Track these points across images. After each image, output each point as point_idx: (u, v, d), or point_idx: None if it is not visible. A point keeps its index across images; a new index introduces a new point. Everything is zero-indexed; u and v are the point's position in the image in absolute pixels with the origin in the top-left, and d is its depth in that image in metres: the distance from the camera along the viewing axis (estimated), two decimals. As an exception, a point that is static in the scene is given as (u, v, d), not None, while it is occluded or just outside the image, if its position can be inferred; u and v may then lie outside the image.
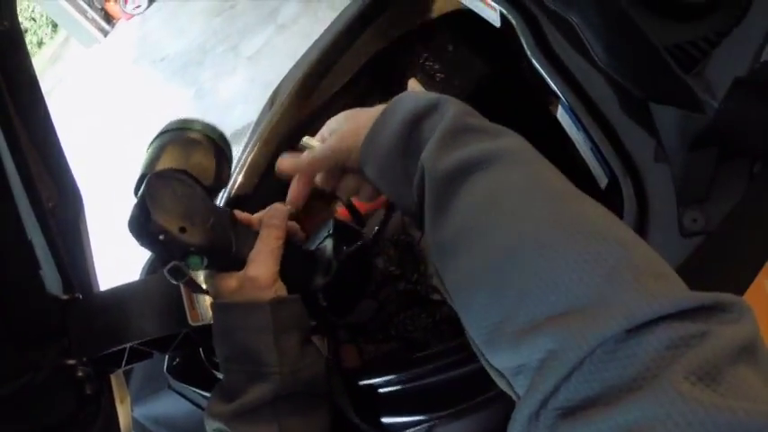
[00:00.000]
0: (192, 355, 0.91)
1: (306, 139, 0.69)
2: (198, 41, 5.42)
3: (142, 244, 0.63)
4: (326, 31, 1.11)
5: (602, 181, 0.67)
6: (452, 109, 0.57)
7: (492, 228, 0.47)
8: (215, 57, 5.06)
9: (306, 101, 1.10)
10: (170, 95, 5.12)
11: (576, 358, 0.37)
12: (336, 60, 1.11)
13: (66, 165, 0.83)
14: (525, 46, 0.72)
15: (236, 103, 4.37)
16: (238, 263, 0.68)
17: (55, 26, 9.02)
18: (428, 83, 1.06)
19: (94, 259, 0.85)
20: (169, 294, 0.76)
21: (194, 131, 0.72)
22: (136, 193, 0.66)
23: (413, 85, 1.09)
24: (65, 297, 0.75)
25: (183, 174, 0.67)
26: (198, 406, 0.95)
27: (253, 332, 0.66)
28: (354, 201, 1.20)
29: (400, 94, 0.65)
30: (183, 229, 0.62)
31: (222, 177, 0.71)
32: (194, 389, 0.92)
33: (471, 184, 0.51)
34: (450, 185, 0.52)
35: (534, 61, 0.71)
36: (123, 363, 0.76)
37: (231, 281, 0.68)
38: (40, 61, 8.56)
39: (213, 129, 0.73)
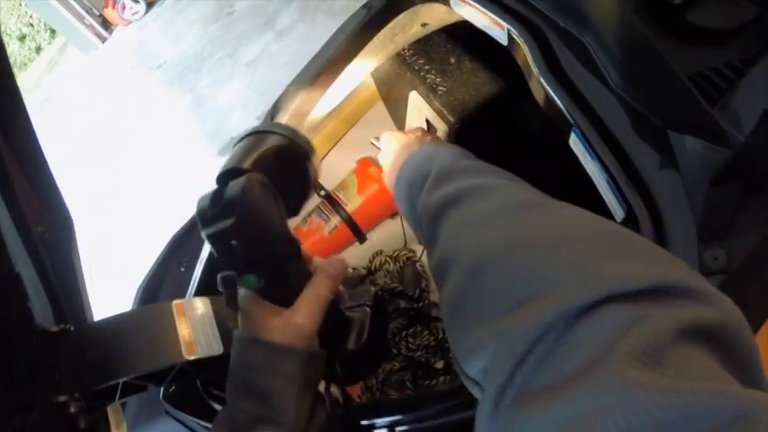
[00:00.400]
0: (188, 383, 0.88)
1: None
2: (195, 48, 5.41)
3: (208, 237, 0.59)
4: (326, 44, 1.08)
5: (619, 214, 0.63)
6: (442, 156, 0.69)
7: (459, 254, 0.51)
8: (212, 63, 5.04)
9: (307, 117, 1.07)
10: (168, 102, 5.09)
11: (524, 346, 0.37)
12: (337, 74, 1.08)
13: (54, 186, 0.80)
14: (534, 66, 0.68)
15: (235, 109, 4.36)
16: (287, 299, 0.65)
17: (53, 32, 9.02)
18: (430, 96, 1.03)
19: (87, 286, 0.82)
20: (164, 326, 0.73)
21: (302, 147, 0.67)
22: (222, 182, 0.62)
23: (413, 98, 1.06)
24: (55, 329, 0.71)
25: (276, 190, 0.63)
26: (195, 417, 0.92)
27: (278, 378, 0.62)
28: (353, 215, 1.18)
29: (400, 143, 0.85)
30: (259, 245, 0.60)
31: (302, 202, 0.69)
32: (191, 417, 0.89)
33: (447, 219, 0.58)
34: (433, 222, 0.60)
35: (544, 83, 0.67)
36: (117, 396, 0.73)
37: (274, 319, 0.64)
38: (39, 67, 8.55)
39: (309, 144, 0.69)
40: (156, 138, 4.84)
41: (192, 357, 0.72)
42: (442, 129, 1.00)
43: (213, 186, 0.63)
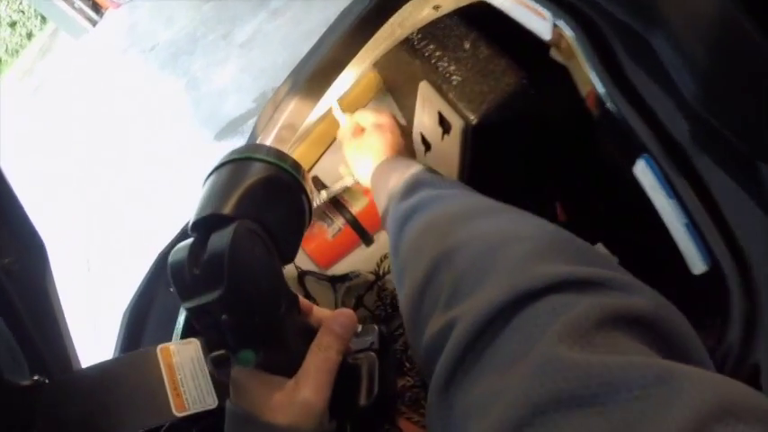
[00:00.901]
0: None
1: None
2: (188, 29, 5.28)
3: (190, 311, 0.49)
4: (329, 31, 0.96)
5: (698, 267, 0.52)
6: (412, 171, 0.76)
7: (420, 255, 0.56)
8: (206, 45, 4.93)
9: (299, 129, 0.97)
10: (162, 86, 4.98)
11: (474, 332, 0.41)
12: (342, 63, 0.97)
13: (21, 209, 0.69)
14: (593, 73, 0.55)
15: (230, 92, 4.26)
16: (287, 366, 0.54)
17: (44, 17, 8.86)
18: (443, 87, 0.92)
19: (69, 326, 0.72)
20: (149, 378, 0.63)
21: (291, 174, 0.56)
22: (198, 232, 0.51)
23: (424, 89, 0.96)
24: (27, 383, 0.62)
25: (268, 235, 0.52)
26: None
27: None
28: (358, 216, 1.09)
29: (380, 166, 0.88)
30: (255, 316, 0.49)
31: (298, 243, 0.58)
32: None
33: (409, 226, 0.64)
34: (399, 231, 0.66)
35: (606, 94, 0.54)
36: (102, 456, 0.64)
37: (276, 394, 0.52)
38: (30, 54, 8.43)
39: (300, 170, 0.58)
40: (151, 122, 4.74)
41: (183, 414, 0.62)
42: (457, 124, 0.89)
43: (190, 234, 0.52)
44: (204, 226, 0.51)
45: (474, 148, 0.93)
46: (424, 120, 0.99)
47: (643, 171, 0.53)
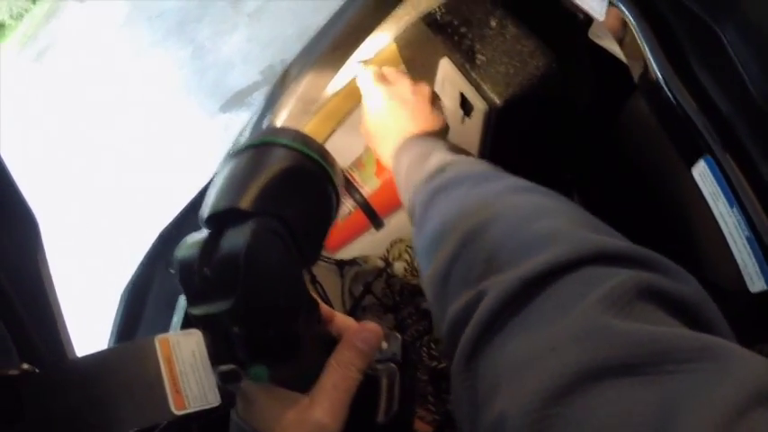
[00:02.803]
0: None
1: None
2: (196, -4, 5.17)
3: (197, 319, 0.44)
4: (345, 5, 0.91)
5: (756, 285, 0.47)
6: (445, 146, 0.76)
7: (455, 226, 0.54)
8: (214, 13, 4.84)
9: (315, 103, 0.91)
10: (167, 54, 4.90)
11: (508, 296, 0.40)
12: (363, 33, 0.92)
13: (10, 182, 0.64)
14: (651, 58, 0.50)
15: (237, 62, 4.19)
16: (303, 381, 0.49)
17: (49, -21, 8.73)
18: (466, 66, 0.86)
19: (63, 309, 0.67)
20: (146, 373, 0.58)
21: (318, 163, 0.50)
22: (212, 227, 0.46)
23: (445, 67, 0.90)
24: (15, 372, 0.57)
25: (289, 234, 0.46)
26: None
27: None
28: (369, 198, 1.04)
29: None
30: (270, 328, 0.44)
31: (322, 243, 0.52)
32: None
33: (446, 198, 0.62)
34: (430, 202, 0.64)
35: (668, 85, 0.48)
36: (95, 453, 0.59)
37: (288, 412, 0.48)
38: (35, 17, 8.34)
39: (328, 157, 0.52)
40: (155, 91, 4.67)
41: (182, 413, 0.58)
42: (480, 107, 0.84)
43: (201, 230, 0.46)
44: (219, 221, 0.45)
45: (496, 132, 0.88)
46: (444, 101, 0.93)
47: (703, 174, 0.48)
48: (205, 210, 0.46)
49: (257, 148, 0.49)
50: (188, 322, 0.79)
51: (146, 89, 4.78)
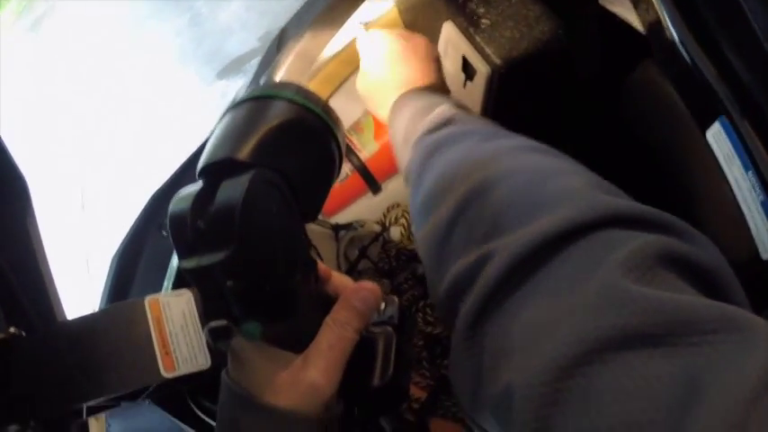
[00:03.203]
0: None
1: None
2: (192, -41, 5.08)
3: (189, 272, 0.41)
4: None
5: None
6: (449, 102, 0.69)
7: (455, 183, 0.50)
8: (212, -24, 4.74)
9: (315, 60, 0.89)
10: (164, 22, 4.83)
11: (521, 257, 0.38)
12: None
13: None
14: (664, 11, 0.48)
15: (234, 30, 4.13)
16: (297, 341, 0.47)
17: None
18: (470, 30, 0.84)
19: (51, 271, 0.65)
20: (136, 334, 0.57)
21: (320, 117, 0.47)
22: (206, 179, 0.44)
23: (448, 30, 0.88)
24: (2, 336, 0.55)
25: (289, 188, 0.44)
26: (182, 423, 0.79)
27: None
28: (367, 162, 1.02)
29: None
30: (266, 283, 0.42)
31: (322, 200, 0.50)
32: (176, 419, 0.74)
33: (446, 152, 0.57)
34: (428, 157, 0.59)
35: (678, 40, 0.47)
36: (84, 415, 0.58)
37: (281, 373, 0.46)
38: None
39: (331, 113, 0.49)
40: (151, 58, 4.61)
41: (172, 375, 0.57)
42: (483, 70, 0.82)
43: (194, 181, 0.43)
44: (215, 172, 0.43)
45: (498, 97, 0.86)
46: (446, 64, 0.91)
47: (717, 136, 0.46)
48: (200, 161, 0.44)
49: (257, 101, 0.47)
50: (180, 282, 0.78)
51: (142, 56, 4.72)
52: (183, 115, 3.68)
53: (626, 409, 0.28)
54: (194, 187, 0.43)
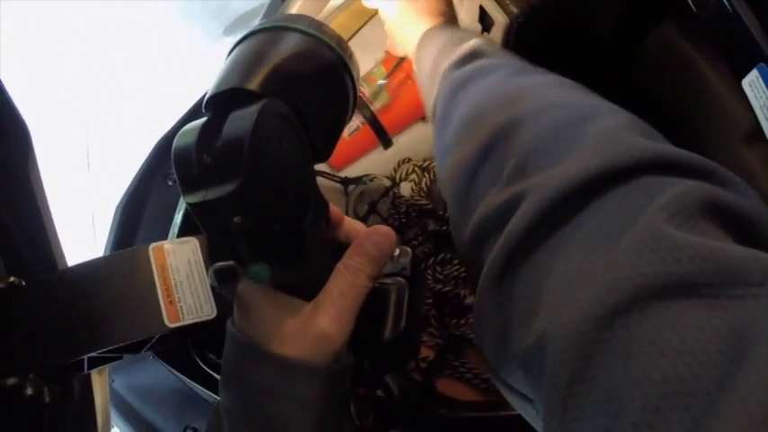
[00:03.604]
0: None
1: None
2: None
3: (194, 207, 0.39)
4: None
5: None
6: (471, 40, 0.64)
7: (486, 118, 0.48)
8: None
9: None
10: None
11: (558, 198, 0.36)
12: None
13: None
14: None
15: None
16: (307, 287, 0.45)
17: None
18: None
19: (52, 218, 0.64)
20: (140, 282, 0.55)
21: (334, 50, 0.45)
22: (213, 110, 0.41)
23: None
24: (1, 285, 0.54)
25: (299, 118, 0.42)
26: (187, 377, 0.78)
27: (291, 404, 0.43)
28: (378, 115, 1.00)
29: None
30: (275, 220, 0.39)
31: (336, 138, 0.47)
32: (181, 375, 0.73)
33: (473, 86, 0.55)
34: (457, 90, 0.56)
35: None
36: (85, 368, 0.57)
37: (289, 321, 0.44)
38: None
39: (345, 47, 0.46)
40: (157, 15, 4.54)
41: (176, 325, 0.55)
42: (501, 20, 0.79)
43: (202, 115, 0.41)
44: (222, 103, 0.40)
45: (515, 49, 0.83)
46: (462, 15, 0.88)
47: (755, 84, 0.44)
48: (207, 92, 0.42)
49: (269, 32, 0.44)
50: (185, 230, 0.76)
51: (147, 13, 4.65)
52: (189, 72, 3.64)
53: (669, 363, 0.26)
54: (200, 121, 0.40)
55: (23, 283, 0.55)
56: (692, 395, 0.25)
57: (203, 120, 0.40)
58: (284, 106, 0.40)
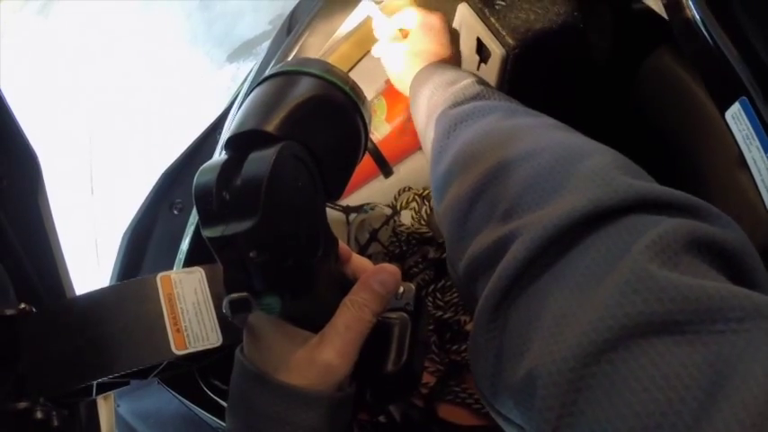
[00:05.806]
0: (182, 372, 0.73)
1: None
2: (204, -57, 5.05)
3: (212, 241, 0.40)
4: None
5: None
6: (465, 80, 0.67)
7: (480, 158, 0.50)
8: (223, -41, 4.72)
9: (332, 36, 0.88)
10: (174, 4, 4.80)
11: (548, 238, 0.37)
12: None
13: (12, 120, 0.62)
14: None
15: (245, 12, 4.09)
16: (314, 319, 0.47)
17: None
18: (485, 11, 0.83)
19: (61, 247, 0.65)
20: (147, 311, 0.57)
21: (347, 93, 0.47)
22: (233, 150, 0.43)
23: (463, 12, 0.87)
24: (12, 312, 0.55)
25: (314, 160, 0.44)
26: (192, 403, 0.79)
27: (296, 429, 0.45)
28: (379, 145, 1.01)
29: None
30: (289, 257, 0.41)
31: (347, 179, 0.49)
32: (187, 401, 0.74)
33: (469, 126, 0.58)
34: (451, 128, 0.60)
35: (700, 19, 0.46)
36: (93, 393, 0.58)
37: (296, 352, 0.46)
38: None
39: (358, 91, 0.49)
40: (161, 41, 4.59)
41: (183, 353, 0.56)
42: (498, 52, 0.81)
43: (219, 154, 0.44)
44: (242, 143, 0.42)
45: (512, 79, 0.85)
46: (460, 47, 0.90)
47: (737, 117, 0.46)
48: (227, 133, 0.44)
49: (285, 76, 0.46)
50: (192, 260, 0.77)
51: (153, 38, 4.70)
52: (193, 98, 3.67)
53: (651, 398, 0.28)
54: (220, 159, 0.42)
55: (34, 310, 0.56)
56: (673, 427, 0.26)
57: (224, 158, 0.42)
58: (299, 148, 0.42)
